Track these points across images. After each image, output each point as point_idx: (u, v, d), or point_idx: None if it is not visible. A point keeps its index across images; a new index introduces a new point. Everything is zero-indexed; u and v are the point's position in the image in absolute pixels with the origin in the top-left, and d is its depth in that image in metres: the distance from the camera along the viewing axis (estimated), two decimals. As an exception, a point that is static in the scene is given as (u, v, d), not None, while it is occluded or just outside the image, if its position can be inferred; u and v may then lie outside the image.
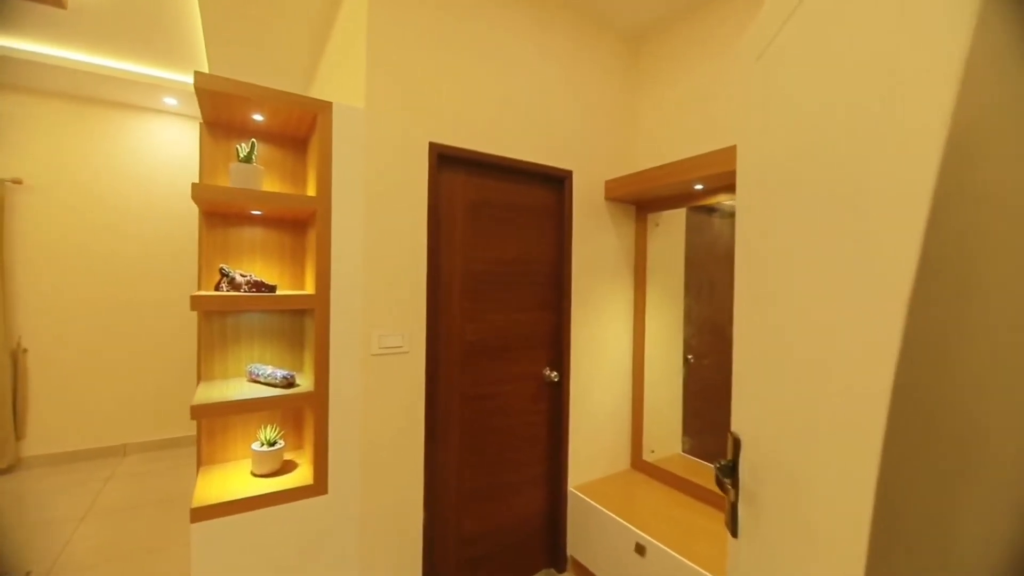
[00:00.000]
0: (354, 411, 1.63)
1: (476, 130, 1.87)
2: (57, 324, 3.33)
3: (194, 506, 1.39)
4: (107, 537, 2.43)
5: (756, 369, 0.90)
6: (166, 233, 3.64)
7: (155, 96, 3.31)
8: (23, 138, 3.20)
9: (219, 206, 1.56)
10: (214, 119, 1.64)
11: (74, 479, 3.09)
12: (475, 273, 1.93)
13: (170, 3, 2.41)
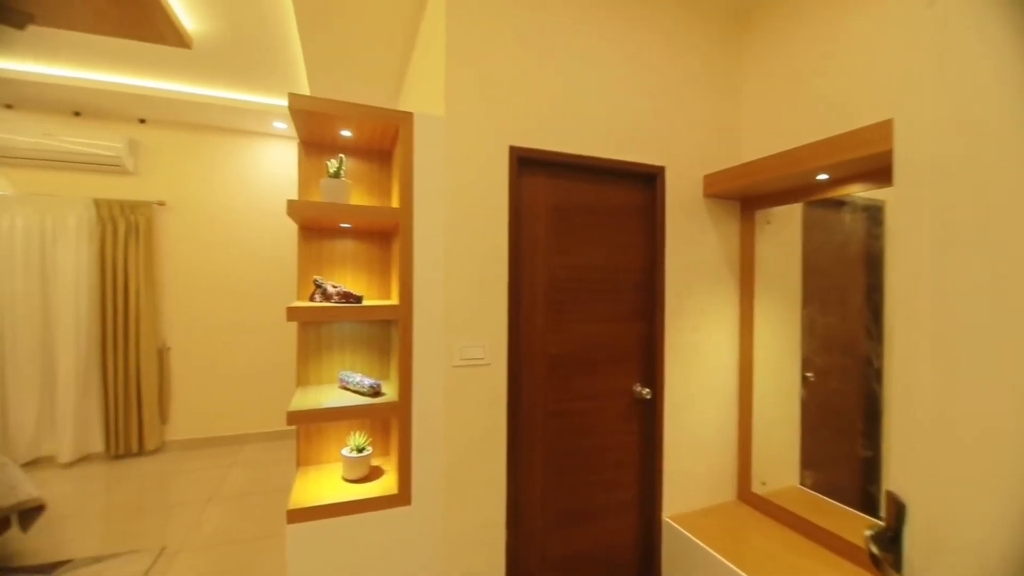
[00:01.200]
0: (436, 423, 1.61)
1: (558, 130, 1.77)
2: (193, 326, 3.82)
3: (290, 508, 1.45)
4: (228, 520, 2.70)
5: (934, 410, 0.68)
6: (280, 245, 4.01)
7: (266, 121, 3.66)
8: (164, 166, 3.73)
9: (311, 220, 1.63)
10: (308, 138, 1.72)
11: (204, 463, 3.52)
12: (558, 281, 1.82)
13: (276, 37, 2.63)
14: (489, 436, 1.67)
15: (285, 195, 4.00)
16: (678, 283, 1.98)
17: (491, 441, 1.68)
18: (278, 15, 2.46)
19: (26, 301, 3.38)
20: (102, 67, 3.03)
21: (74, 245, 3.46)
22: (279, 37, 2.67)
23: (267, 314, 3.99)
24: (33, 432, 3.42)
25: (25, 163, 3.38)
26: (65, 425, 3.42)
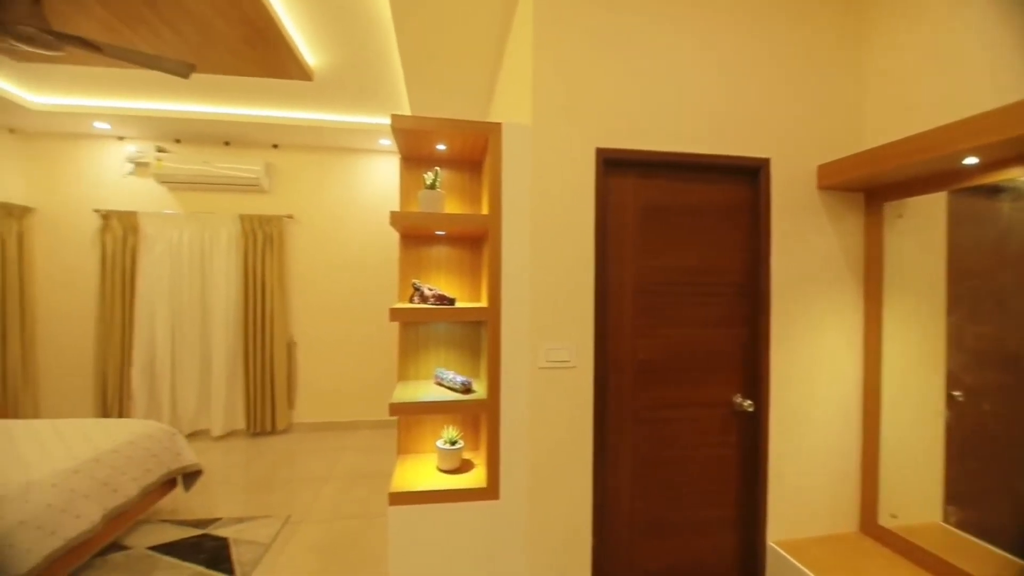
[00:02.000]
0: (522, 422, 1.65)
1: (646, 128, 1.72)
2: (315, 324, 4.34)
3: (392, 491, 1.59)
4: (341, 497, 3.02)
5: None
6: (387, 250, 4.40)
7: (373, 139, 4.03)
8: (292, 184, 4.28)
9: (411, 229, 1.77)
10: (408, 153, 1.87)
11: (323, 445, 3.96)
12: (648, 285, 1.77)
13: (381, 64, 2.89)
14: (575, 439, 1.67)
15: (390, 205, 4.37)
16: (786, 286, 1.80)
17: (577, 444, 1.68)
18: (383, 45, 2.70)
19: (190, 302, 4.11)
20: (245, 103, 3.57)
21: (224, 254, 4.12)
22: (383, 64, 2.93)
23: (376, 314, 4.39)
24: (194, 410, 4.13)
25: (189, 187, 4.10)
26: (217, 405, 4.09)
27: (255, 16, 2.34)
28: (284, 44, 2.60)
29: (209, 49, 2.67)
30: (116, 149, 4.09)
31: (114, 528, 2.29)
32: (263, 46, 2.63)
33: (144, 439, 2.56)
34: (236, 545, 2.44)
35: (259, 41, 2.58)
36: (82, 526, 2.04)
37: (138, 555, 2.34)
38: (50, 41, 1.98)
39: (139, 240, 4.03)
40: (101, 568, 2.23)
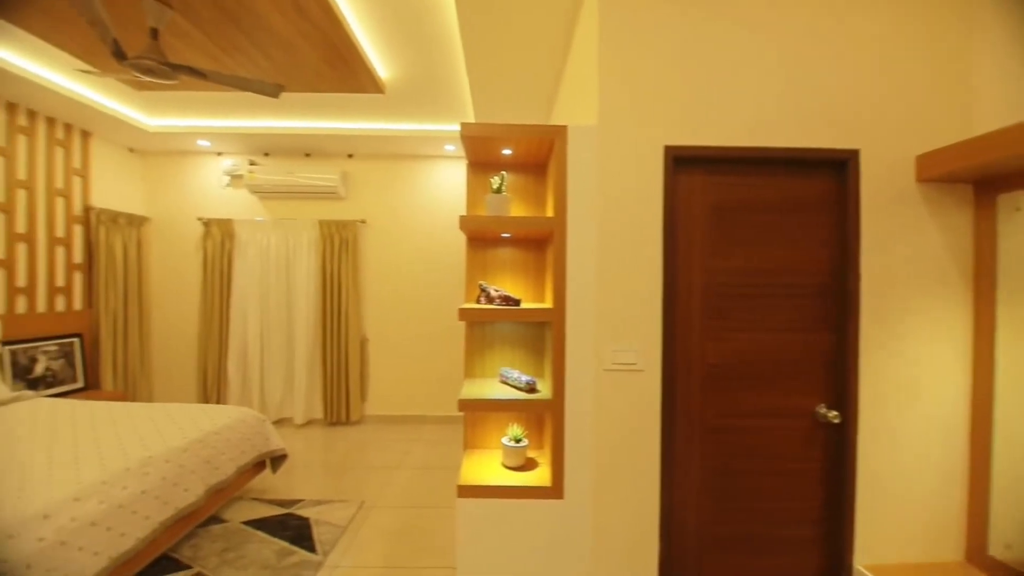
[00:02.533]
0: (587, 424, 1.65)
1: (718, 123, 1.65)
2: (385, 322, 4.58)
3: (460, 483, 1.65)
4: (411, 487, 3.17)
5: None
6: (452, 252, 4.55)
7: (439, 145, 4.19)
8: (365, 190, 4.56)
9: (478, 232, 1.83)
10: (475, 159, 1.93)
11: (393, 436, 4.18)
12: (718, 286, 1.70)
13: (448, 74, 3.00)
14: (641, 444, 1.65)
15: (454, 208, 4.52)
16: (879, 288, 1.66)
17: (643, 449, 1.65)
18: (449, 56, 2.81)
19: (276, 300, 4.50)
20: (324, 117, 3.85)
21: (305, 257, 4.47)
22: (449, 74, 3.04)
23: (440, 313, 4.56)
24: (279, 399, 4.52)
25: (276, 195, 4.49)
26: (299, 396, 4.44)
27: (335, 38, 2.52)
28: (360, 62, 2.78)
29: (295, 71, 2.92)
30: (215, 163, 4.58)
31: (214, 502, 2.56)
32: (342, 65, 2.83)
33: (240, 424, 2.85)
34: (317, 525, 2.64)
35: (338, 61, 2.78)
36: (189, 499, 2.32)
37: (234, 528, 2.61)
38: (166, 71, 2.26)
39: (234, 245, 4.48)
40: (204, 538, 2.51)
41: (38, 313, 3.57)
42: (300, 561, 2.31)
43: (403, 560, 2.37)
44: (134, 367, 4.26)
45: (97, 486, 1.92)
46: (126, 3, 2.24)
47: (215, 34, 2.52)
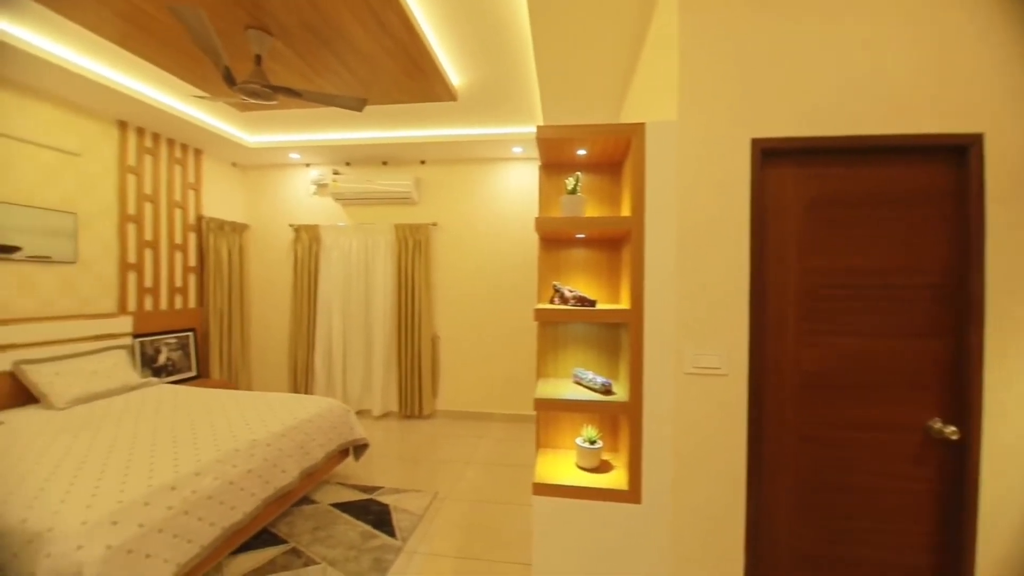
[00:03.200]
0: (666, 428, 1.61)
1: (812, 111, 1.54)
2: (455, 320, 4.74)
3: (536, 481, 1.68)
4: (481, 482, 3.26)
5: None
6: (517, 252, 4.62)
7: (507, 148, 4.26)
8: (436, 195, 4.74)
9: (551, 233, 1.84)
10: (549, 160, 1.95)
11: (462, 432, 4.31)
12: (814, 287, 1.58)
13: (518, 78, 3.05)
14: (725, 452, 1.58)
15: (522, 209, 4.58)
16: (1007, 290, 1.46)
17: (728, 458, 1.58)
18: (519, 60, 2.85)
19: (357, 300, 4.81)
20: (399, 127, 4.06)
21: (383, 259, 4.74)
22: (519, 77, 3.09)
23: (508, 313, 4.64)
24: (359, 391, 4.82)
25: (356, 202, 4.80)
26: (376, 389, 4.72)
27: (414, 50, 2.66)
28: (435, 71, 2.90)
29: (376, 85, 3.11)
30: (304, 174, 4.99)
31: (305, 485, 2.80)
32: (419, 76, 2.97)
33: (328, 413, 3.08)
34: (396, 512, 2.80)
35: (416, 72, 2.92)
36: (286, 479, 2.55)
37: (323, 509, 2.83)
38: (268, 93, 2.50)
39: (320, 248, 4.86)
40: (297, 516, 2.74)
41: (161, 310, 4.10)
42: (382, 545, 2.46)
43: (476, 552, 2.44)
44: (236, 358, 4.76)
45: (213, 464, 2.17)
46: (233, 34, 2.51)
47: (308, 55, 2.75)
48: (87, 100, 3.31)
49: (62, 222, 3.29)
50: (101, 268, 3.59)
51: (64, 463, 2.04)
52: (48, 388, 2.92)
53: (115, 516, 1.69)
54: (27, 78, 2.95)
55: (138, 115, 3.61)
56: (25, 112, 3.07)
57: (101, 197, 3.58)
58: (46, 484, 1.84)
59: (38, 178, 3.15)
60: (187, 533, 1.91)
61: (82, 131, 3.44)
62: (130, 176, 3.81)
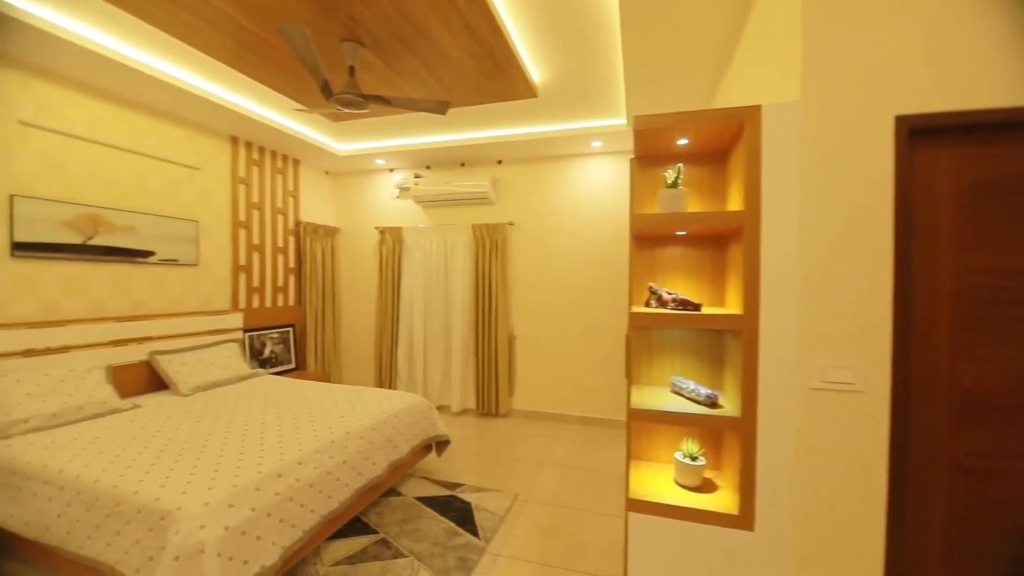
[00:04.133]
0: (785, 451, 1.43)
1: (971, 77, 1.27)
2: (531, 320, 4.71)
3: (630, 496, 1.57)
4: (559, 485, 3.19)
5: None
6: (592, 251, 4.49)
7: (586, 143, 4.14)
8: (513, 194, 4.73)
9: (647, 231, 1.72)
10: (643, 152, 1.82)
11: (537, 432, 4.27)
12: (977, 290, 1.32)
13: (601, 70, 2.92)
14: (859, 481, 1.36)
15: (599, 205, 4.43)
16: None
17: (862, 488, 1.36)
18: (603, 53, 2.73)
19: (436, 299, 4.95)
20: (477, 128, 4.10)
21: (461, 259, 4.82)
22: (602, 71, 2.96)
23: (585, 313, 4.51)
24: (439, 387, 4.96)
25: (436, 204, 4.93)
26: (455, 386, 4.82)
27: (497, 50, 2.64)
28: (517, 70, 2.87)
29: (459, 88, 3.14)
30: (387, 179, 5.22)
31: (392, 477, 2.90)
32: (500, 76, 2.95)
33: (412, 408, 3.17)
34: (478, 511, 2.81)
35: (498, 72, 2.90)
36: (376, 471, 2.64)
37: (409, 502, 2.92)
38: (360, 102, 2.61)
39: (403, 249, 5.06)
40: (386, 507, 2.85)
41: (266, 308, 4.49)
42: (466, 543, 2.47)
43: (558, 560, 2.37)
44: (329, 353, 5.10)
45: (313, 454, 2.30)
46: (330, 49, 2.65)
47: (395, 63, 2.84)
48: (206, 119, 3.69)
49: (186, 229, 3.70)
50: (218, 270, 4.00)
51: (189, 446, 2.27)
52: (176, 376, 3.30)
53: (231, 499, 1.83)
54: (158, 101, 3.35)
55: (247, 130, 3.97)
56: (156, 132, 3.49)
57: (217, 206, 3.99)
58: (175, 465, 2.05)
59: (166, 190, 3.57)
60: (291, 518, 2.04)
61: (201, 147, 3.84)
62: (240, 186, 4.20)
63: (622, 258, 4.36)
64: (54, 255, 2.85)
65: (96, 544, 1.84)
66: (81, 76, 2.91)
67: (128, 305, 3.31)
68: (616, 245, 4.39)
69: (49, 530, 1.95)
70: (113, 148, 3.18)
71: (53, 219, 2.84)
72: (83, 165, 3.01)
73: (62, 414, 2.55)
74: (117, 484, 1.89)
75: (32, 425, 2.41)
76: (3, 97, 2.62)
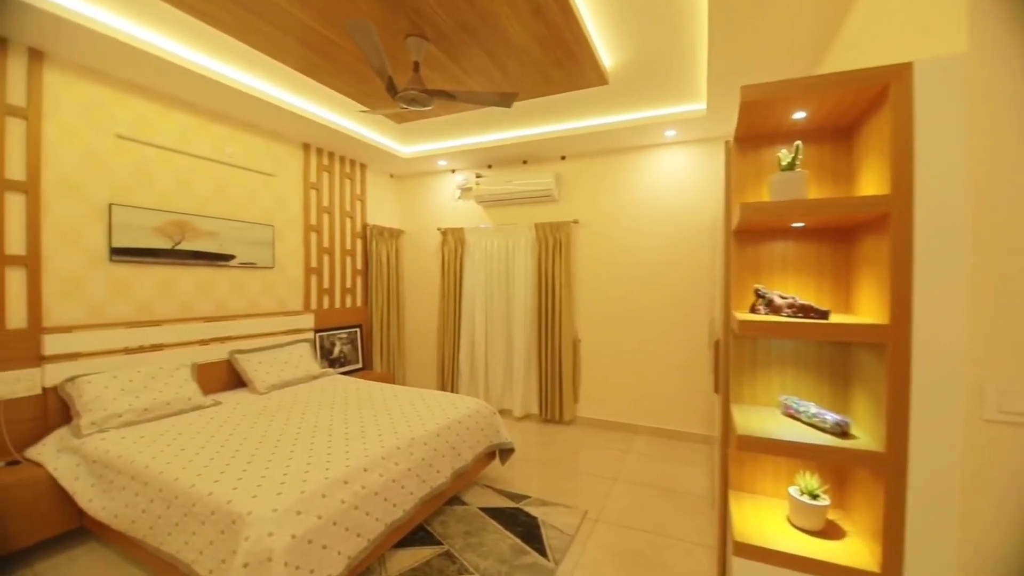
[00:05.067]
0: (946, 496, 1.12)
1: None
2: (597, 324, 4.47)
3: (737, 540, 1.33)
4: (631, 505, 2.93)
5: None
6: (664, 248, 4.16)
7: (659, 132, 3.83)
8: (577, 191, 4.51)
9: (755, 223, 1.46)
10: (747, 131, 1.56)
11: (605, 442, 4.02)
12: None
13: (680, 51, 2.64)
14: (1064, 544, 1.03)
15: (673, 200, 4.10)
16: None
17: (1069, 553, 1.03)
18: (683, 28, 2.46)
19: (498, 300, 4.84)
20: (540, 123, 3.93)
21: (523, 259, 4.68)
22: (680, 49, 2.68)
23: (655, 315, 4.20)
24: (500, 391, 4.84)
25: (497, 203, 4.83)
26: (517, 390, 4.68)
27: (568, 34, 2.46)
28: (588, 55, 2.67)
29: (525, 79, 2.99)
30: (450, 180, 5.19)
31: (456, 485, 2.80)
32: (570, 63, 2.77)
33: (476, 414, 3.07)
34: (545, 527, 2.63)
35: (567, 59, 2.72)
36: (440, 479, 2.55)
37: (473, 512, 2.80)
38: (425, 98, 2.52)
39: (464, 250, 5.01)
40: (450, 516, 2.75)
41: (335, 308, 4.60)
42: (533, 563, 2.30)
43: (637, 591, 2.14)
44: (394, 353, 5.16)
45: (378, 460, 2.24)
46: (394, 45, 2.60)
47: (460, 57, 2.75)
48: (280, 127, 3.83)
49: (263, 233, 3.85)
50: (291, 272, 4.14)
51: (262, 447, 2.29)
52: (254, 375, 3.43)
53: (299, 506, 1.79)
54: (237, 111, 3.50)
55: (317, 137, 4.08)
56: (236, 142, 3.66)
57: (290, 211, 4.13)
58: (247, 466, 2.06)
59: (245, 197, 3.73)
60: (357, 527, 1.98)
61: (276, 155, 3.99)
62: (312, 191, 4.34)
63: (698, 256, 4.00)
64: (147, 259, 3.05)
65: (175, 541, 1.88)
66: (171, 90, 3.09)
67: (212, 306, 3.48)
68: (692, 242, 4.04)
69: (135, 523, 2.02)
70: (198, 158, 3.36)
71: (145, 226, 3.03)
72: (171, 174, 3.20)
73: (152, 409, 2.69)
74: (194, 483, 1.92)
75: (125, 420, 2.56)
76: (103, 113, 2.82)
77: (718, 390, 2.16)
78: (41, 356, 2.53)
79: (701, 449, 3.88)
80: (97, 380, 2.63)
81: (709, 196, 3.96)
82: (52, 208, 2.61)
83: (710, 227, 3.95)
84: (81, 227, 2.73)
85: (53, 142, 2.61)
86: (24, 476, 2.22)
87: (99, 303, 2.82)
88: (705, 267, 3.98)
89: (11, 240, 2.44)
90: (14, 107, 2.44)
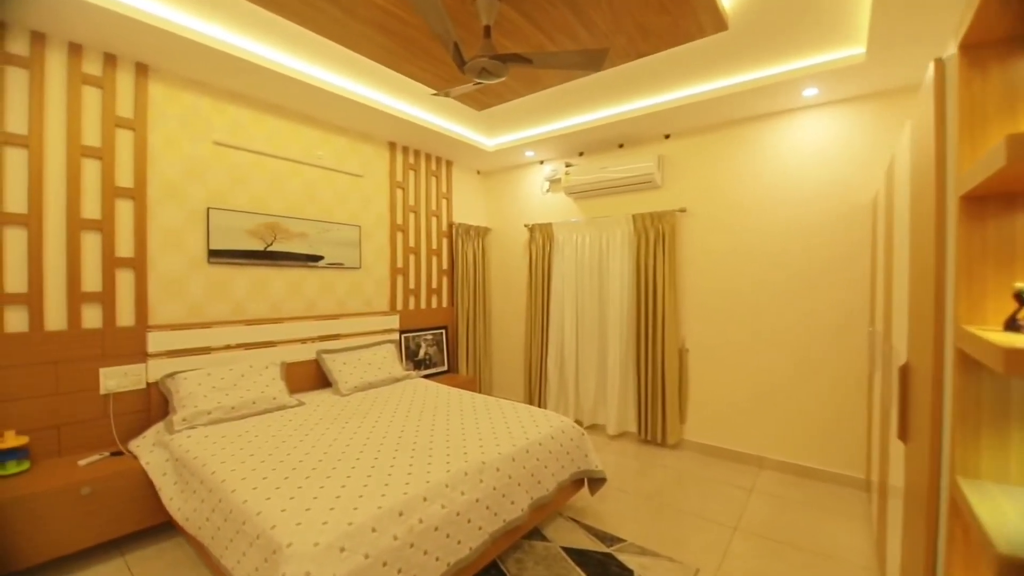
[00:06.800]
0: None
1: None
2: (708, 331, 3.75)
3: None
4: (761, 566, 2.27)
5: None
6: (802, 238, 3.33)
7: (794, 92, 3.04)
8: (684, 174, 3.84)
9: (1005, 184, 0.84)
10: (987, 32, 0.93)
11: (719, 475, 3.32)
12: None
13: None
14: None
15: (814, 177, 3.26)
16: None
17: None
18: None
19: (590, 301, 4.35)
20: (639, 96, 3.37)
21: (619, 255, 4.13)
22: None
23: (792, 323, 3.38)
24: (592, 403, 4.34)
25: (589, 194, 4.34)
26: (611, 404, 4.14)
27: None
28: (698, -11, 2.10)
29: (619, 35, 2.50)
30: (538, 172, 4.83)
31: (535, 518, 2.40)
32: (676, 7, 2.22)
33: (560, 434, 2.65)
34: (642, 586, 2.12)
35: (672, 2, 2.18)
36: (515, 512, 2.18)
37: (555, 552, 2.38)
38: (497, 66, 2.17)
39: (553, 247, 4.60)
40: (528, 553, 2.37)
41: (421, 309, 4.50)
42: (627, 637, 1.82)
43: None
44: (479, 356, 4.94)
45: (441, 489, 1.93)
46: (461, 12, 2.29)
47: (538, 17, 2.36)
48: (367, 126, 3.79)
49: (350, 234, 3.84)
50: (377, 272, 4.11)
51: (326, 458, 2.13)
52: (338, 375, 3.39)
53: (343, 541, 1.55)
54: (326, 113, 3.50)
55: (403, 134, 3.98)
56: (325, 144, 3.68)
57: (376, 211, 4.10)
58: (304, 482, 1.89)
59: (333, 198, 3.75)
60: (411, 568, 1.69)
61: (363, 155, 3.97)
62: (398, 191, 4.27)
63: (853, 247, 3.11)
64: (241, 261, 3.14)
65: (231, 557, 1.75)
66: (264, 96, 3.16)
67: (301, 306, 3.53)
68: (842, 229, 3.16)
69: (201, 529, 1.96)
70: (289, 161, 3.42)
71: (240, 228, 3.12)
72: (264, 178, 3.28)
73: (239, 408, 2.72)
74: (247, 499, 1.78)
75: (213, 417, 2.60)
76: (201, 121, 2.95)
77: (906, 438, 1.48)
78: (146, 352, 2.68)
79: (855, 497, 3.00)
80: (192, 377, 2.72)
81: (866, 169, 3.06)
82: (156, 213, 2.76)
83: (869, 207, 3.05)
84: (182, 230, 2.87)
85: (158, 150, 2.76)
86: (123, 467, 2.32)
87: (198, 303, 2.95)
88: (863, 260, 3.09)
89: (121, 243, 2.61)
90: (123, 119, 2.60)
